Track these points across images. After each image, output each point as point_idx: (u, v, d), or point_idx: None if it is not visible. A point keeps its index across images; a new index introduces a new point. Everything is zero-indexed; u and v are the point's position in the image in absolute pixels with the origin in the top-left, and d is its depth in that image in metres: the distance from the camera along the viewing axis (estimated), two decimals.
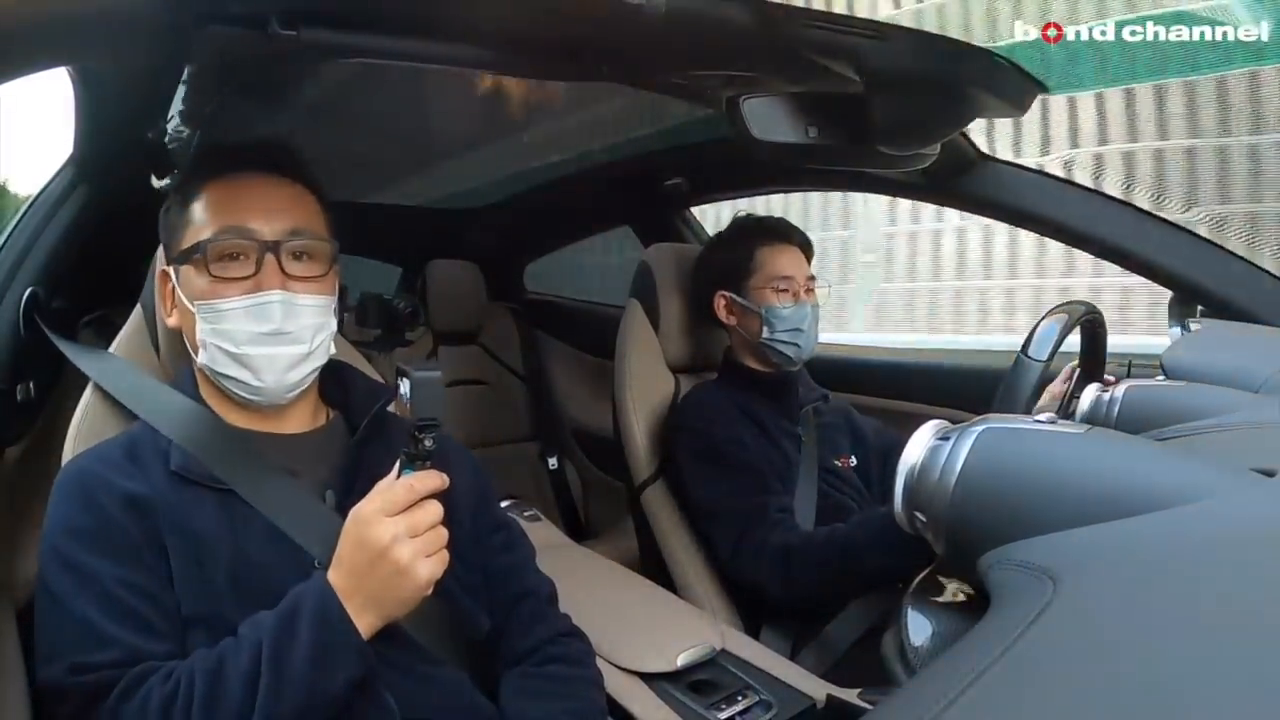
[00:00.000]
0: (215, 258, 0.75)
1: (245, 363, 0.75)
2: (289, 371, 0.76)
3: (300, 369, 0.77)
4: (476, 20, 0.80)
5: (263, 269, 0.75)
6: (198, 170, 0.80)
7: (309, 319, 0.77)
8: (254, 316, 0.74)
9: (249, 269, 0.75)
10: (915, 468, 0.43)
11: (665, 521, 1.38)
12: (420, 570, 0.66)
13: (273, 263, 0.75)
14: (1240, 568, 0.31)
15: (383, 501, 0.67)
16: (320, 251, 0.79)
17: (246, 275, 0.75)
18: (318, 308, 0.78)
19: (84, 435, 0.84)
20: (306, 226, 0.78)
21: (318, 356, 0.79)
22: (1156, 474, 0.39)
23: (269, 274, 0.75)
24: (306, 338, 0.77)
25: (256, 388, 0.76)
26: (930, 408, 1.52)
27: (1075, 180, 1.28)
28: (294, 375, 0.77)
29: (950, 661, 0.30)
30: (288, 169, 0.80)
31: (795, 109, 0.91)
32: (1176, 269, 1.20)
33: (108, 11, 0.64)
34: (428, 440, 0.68)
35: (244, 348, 0.75)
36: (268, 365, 0.75)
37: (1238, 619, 0.28)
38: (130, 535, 0.70)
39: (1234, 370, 0.74)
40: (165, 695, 0.64)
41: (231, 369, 0.76)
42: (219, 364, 0.76)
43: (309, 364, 0.78)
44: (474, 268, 2.10)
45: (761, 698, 1.01)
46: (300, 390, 0.79)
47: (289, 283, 0.75)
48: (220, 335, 0.75)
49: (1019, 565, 0.34)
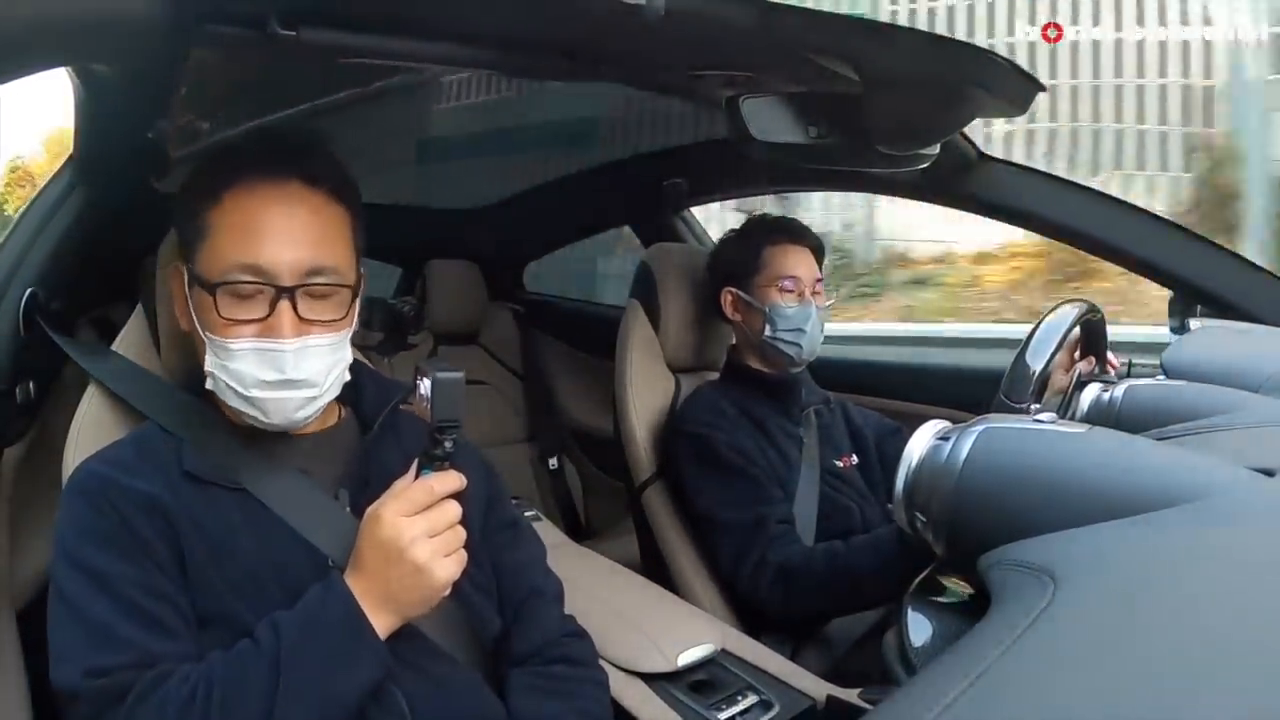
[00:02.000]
0: (226, 294, 0.71)
1: (254, 404, 0.72)
2: (298, 412, 0.73)
3: (311, 407, 0.74)
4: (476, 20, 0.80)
5: (276, 313, 0.70)
6: (220, 168, 0.74)
7: (322, 362, 0.73)
8: (264, 363, 0.70)
9: (261, 310, 0.70)
10: (915, 468, 0.44)
11: (665, 521, 1.38)
12: (438, 570, 0.66)
13: (288, 309, 0.70)
14: (1240, 567, 0.31)
15: (402, 502, 0.66)
16: (341, 294, 0.74)
17: (258, 318, 0.71)
18: (332, 346, 0.73)
19: (85, 435, 0.84)
20: (329, 263, 0.73)
21: (331, 391, 0.75)
22: (1156, 474, 0.39)
23: (282, 320, 0.70)
24: (319, 380, 0.73)
25: (265, 423, 0.74)
26: (930, 408, 1.52)
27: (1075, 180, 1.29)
28: (304, 413, 0.74)
29: (950, 661, 0.30)
30: (317, 176, 0.74)
31: (795, 109, 0.91)
32: (1176, 269, 1.20)
33: (108, 12, 0.64)
34: (448, 442, 0.67)
35: (252, 391, 0.71)
36: (276, 409, 0.72)
37: (1237, 618, 0.28)
38: (143, 536, 0.70)
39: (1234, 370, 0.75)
40: (183, 698, 0.64)
41: (239, 404, 0.73)
42: (227, 397, 0.73)
43: (320, 401, 0.75)
44: (474, 268, 2.10)
45: (762, 698, 1.01)
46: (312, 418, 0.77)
47: (303, 326, 0.71)
48: (228, 374, 0.72)
49: (1019, 565, 0.34)
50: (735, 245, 1.41)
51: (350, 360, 0.77)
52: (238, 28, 0.72)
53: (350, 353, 0.77)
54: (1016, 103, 0.98)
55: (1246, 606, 0.29)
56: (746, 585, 1.22)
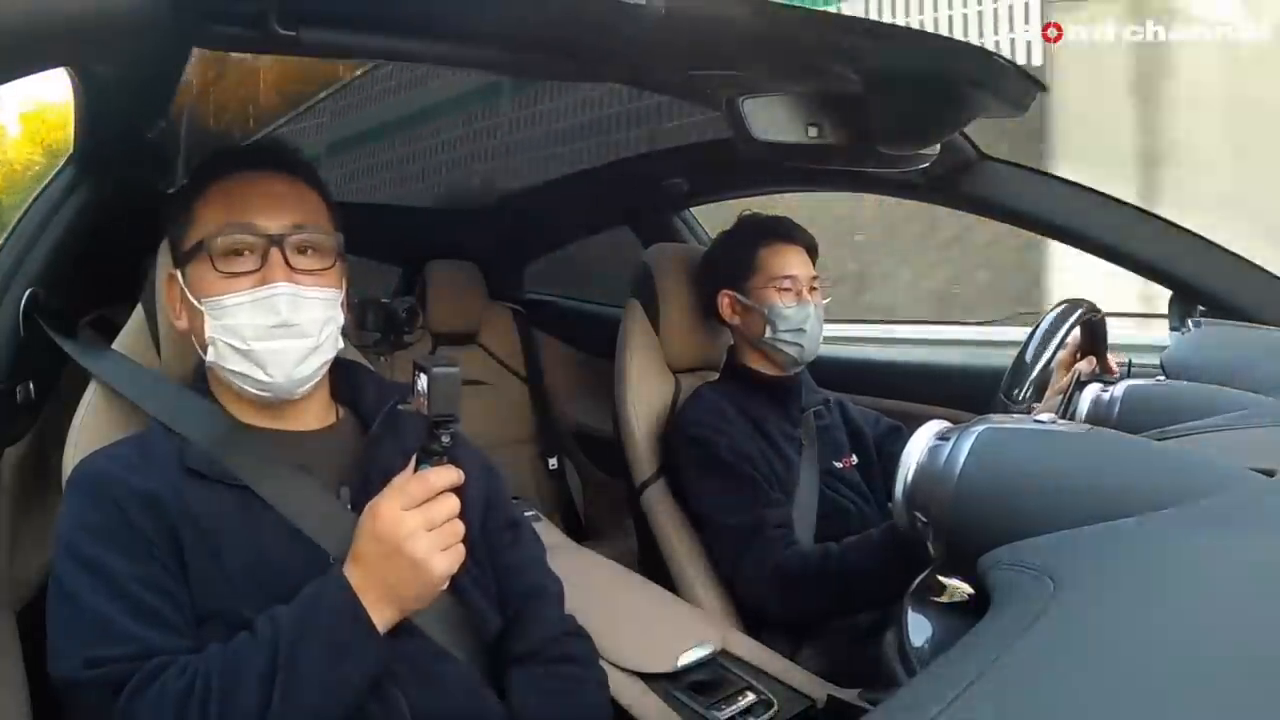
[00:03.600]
0: (220, 253, 0.75)
1: (254, 358, 0.75)
2: (298, 365, 0.77)
3: (309, 362, 0.77)
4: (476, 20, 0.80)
5: (268, 263, 0.75)
6: (201, 172, 0.81)
7: (316, 312, 0.77)
8: (261, 310, 0.75)
9: (254, 264, 0.76)
10: (915, 468, 0.44)
11: (665, 521, 1.38)
12: (437, 564, 0.67)
13: (278, 256, 0.75)
14: (1240, 567, 0.31)
15: (399, 496, 0.67)
16: (325, 245, 0.79)
17: (252, 270, 0.75)
18: (324, 300, 0.78)
19: (85, 435, 0.84)
20: (311, 220, 0.79)
21: (326, 350, 0.79)
22: (1156, 474, 0.39)
23: (274, 267, 0.75)
24: (314, 330, 0.77)
25: (266, 383, 0.76)
26: (930, 408, 1.52)
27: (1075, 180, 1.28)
28: (303, 369, 0.77)
29: (950, 661, 0.30)
30: (290, 167, 0.81)
31: (795, 109, 0.91)
32: (1176, 269, 1.20)
33: (108, 12, 0.64)
34: (445, 436, 0.68)
35: (252, 343, 0.75)
36: (276, 360, 0.76)
37: (1238, 619, 0.28)
38: (144, 532, 0.70)
39: (1234, 370, 0.75)
40: (181, 689, 0.64)
41: (241, 365, 0.76)
42: (228, 360, 0.76)
43: (317, 357, 0.78)
44: (474, 268, 2.10)
45: (762, 698, 1.01)
46: (311, 384, 0.80)
47: (295, 275, 0.76)
48: (228, 331, 0.75)
49: (1019, 565, 0.34)
50: (728, 247, 1.41)
51: (342, 321, 0.81)
52: (238, 28, 0.72)
53: (342, 316, 0.81)
54: (1016, 103, 0.98)
55: (1247, 607, 0.29)
56: (745, 587, 1.22)
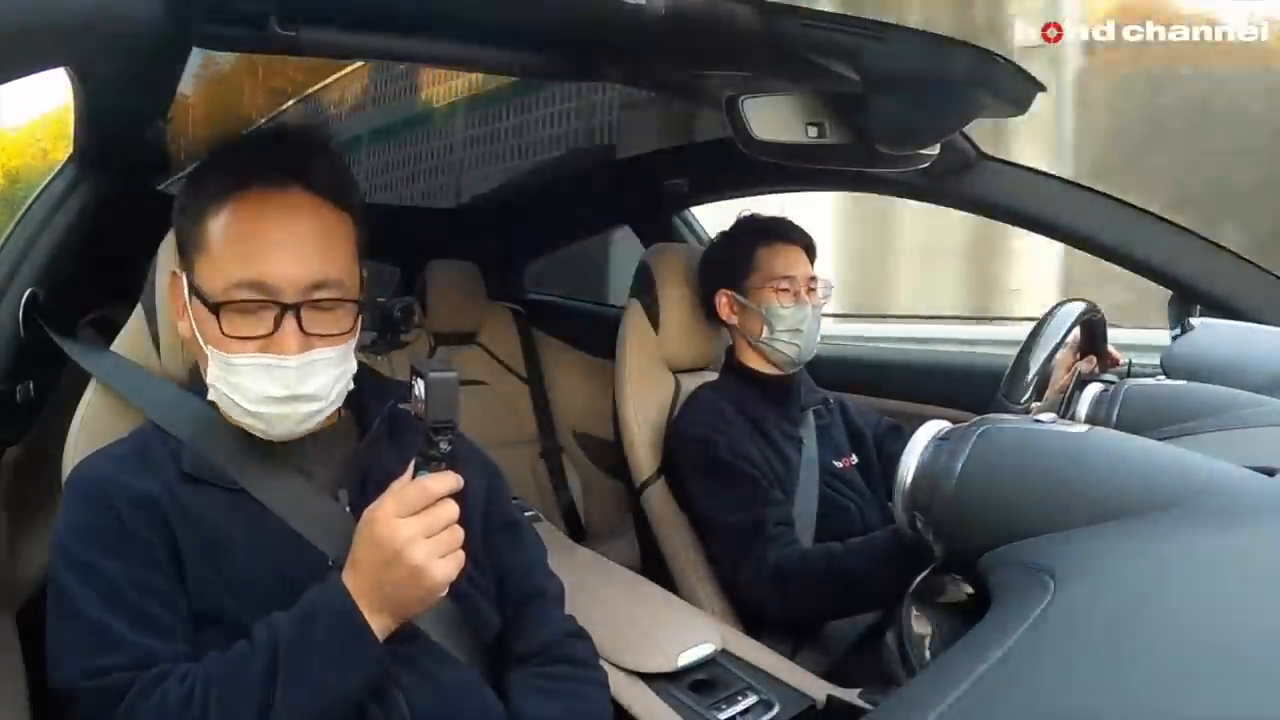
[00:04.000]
0: (230, 313, 0.70)
1: (258, 418, 0.72)
2: (302, 425, 0.73)
3: (315, 419, 0.74)
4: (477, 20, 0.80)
5: (280, 330, 0.69)
6: (219, 173, 0.73)
7: (328, 375, 0.72)
8: (269, 379, 0.70)
9: (266, 327, 0.70)
10: (915, 468, 0.43)
11: (665, 521, 1.38)
12: (435, 571, 0.66)
13: (292, 325, 0.69)
14: (1240, 567, 0.31)
15: (397, 503, 0.66)
16: (345, 306, 0.73)
17: (262, 334, 0.70)
18: (336, 358, 0.72)
19: (85, 435, 0.84)
20: (333, 276, 0.71)
21: (336, 403, 0.75)
22: (1156, 474, 0.39)
23: (287, 336, 0.69)
24: (325, 395, 0.72)
25: (267, 434, 0.74)
26: (930, 408, 1.52)
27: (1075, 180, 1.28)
28: (308, 425, 0.74)
29: (950, 661, 0.30)
30: (320, 183, 0.73)
31: (795, 109, 0.91)
32: (1176, 269, 1.20)
33: (107, 12, 0.64)
34: (443, 442, 0.66)
35: (257, 407, 0.71)
36: (281, 423, 0.72)
37: (1237, 618, 0.28)
38: (142, 536, 0.70)
39: (1234, 370, 0.75)
40: (180, 698, 0.64)
41: (243, 418, 0.73)
42: (230, 411, 0.73)
43: (325, 413, 0.74)
44: (474, 268, 2.10)
45: (762, 698, 1.01)
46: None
47: (309, 341, 0.70)
48: (232, 388, 0.71)
49: (1019, 565, 0.34)
50: (726, 247, 1.41)
51: (355, 369, 0.76)
52: (238, 28, 0.72)
53: (355, 362, 0.76)
54: (1017, 103, 0.98)
55: (1246, 606, 0.29)
56: (745, 586, 1.22)
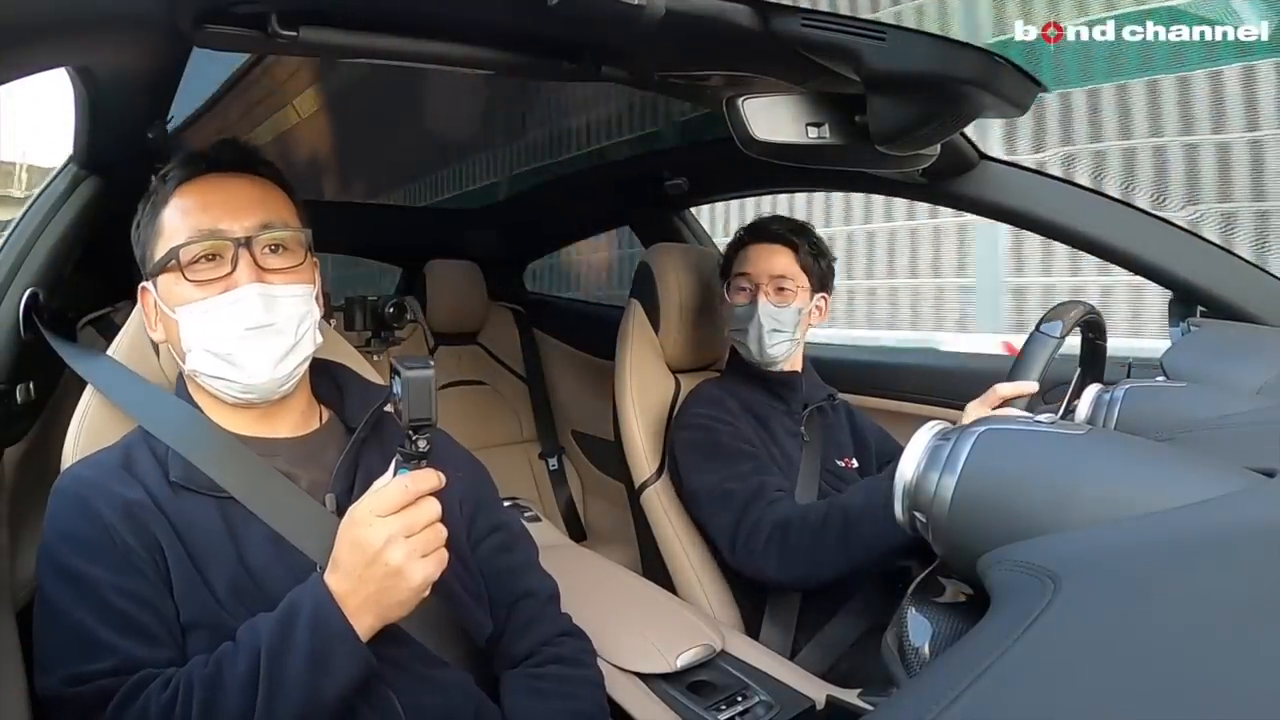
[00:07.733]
0: (189, 261, 0.75)
1: (232, 360, 0.75)
2: (277, 365, 0.76)
3: (288, 361, 0.77)
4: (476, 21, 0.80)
5: (238, 266, 0.75)
6: (163, 180, 0.80)
7: (290, 309, 0.77)
8: (235, 314, 0.74)
9: (224, 268, 0.75)
10: (915, 469, 0.43)
11: (665, 522, 1.38)
12: (415, 571, 0.66)
13: (247, 258, 0.75)
14: (1240, 568, 0.31)
15: (376, 502, 0.66)
16: (293, 241, 0.78)
17: (222, 275, 0.75)
18: (298, 297, 0.77)
19: (84, 436, 0.84)
20: (277, 219, 0.78)
21: (304, 346, 0.79)
22: (1156, 474, 0.39)
23: (244, 270, 0.75)
24: (290, 328, 0.77)
25: (247, 385, 0.76)
26: (930, 408, 1.52)
27: (1075, 180, 1.28)
28: (283, 369, 0.77)
29: (950, 661, 0.30)
30: (251, 167, 0.80)
31: (795, 109, 0.91)
32: (1177, 270, 1.20)
33: (108, 12, 0.64)
34: (421, 440, 0.67)
35: (229, 346, 0.75)
36: (254, 361, 0.75)
37: (1237, 620, 0.28)
38: (128, 543, 0.70)
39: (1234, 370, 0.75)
40: (164, 702, 0.64)
41: (220, 369, 0.76)
42: (207, 366, 0.76)
43: (296, 355, 0.78)
44: (474, 268, 2.10)
45: (761, 698, 1.01)
46: (292, 383, 0.79)
47: (265, 275, 0.75)
48: (204, 337, 0.75)
49: (1019, 565, 0.34)
50: (729, 245, 1.44)
51: (319, 317, 0.81)
52: (238, 28, 0.72)
53: (318, 312, 0.81)
54: (1017, 103, 0.98)
55: (1246, 608, 0.29)
56: (744, 553, 1.21)
